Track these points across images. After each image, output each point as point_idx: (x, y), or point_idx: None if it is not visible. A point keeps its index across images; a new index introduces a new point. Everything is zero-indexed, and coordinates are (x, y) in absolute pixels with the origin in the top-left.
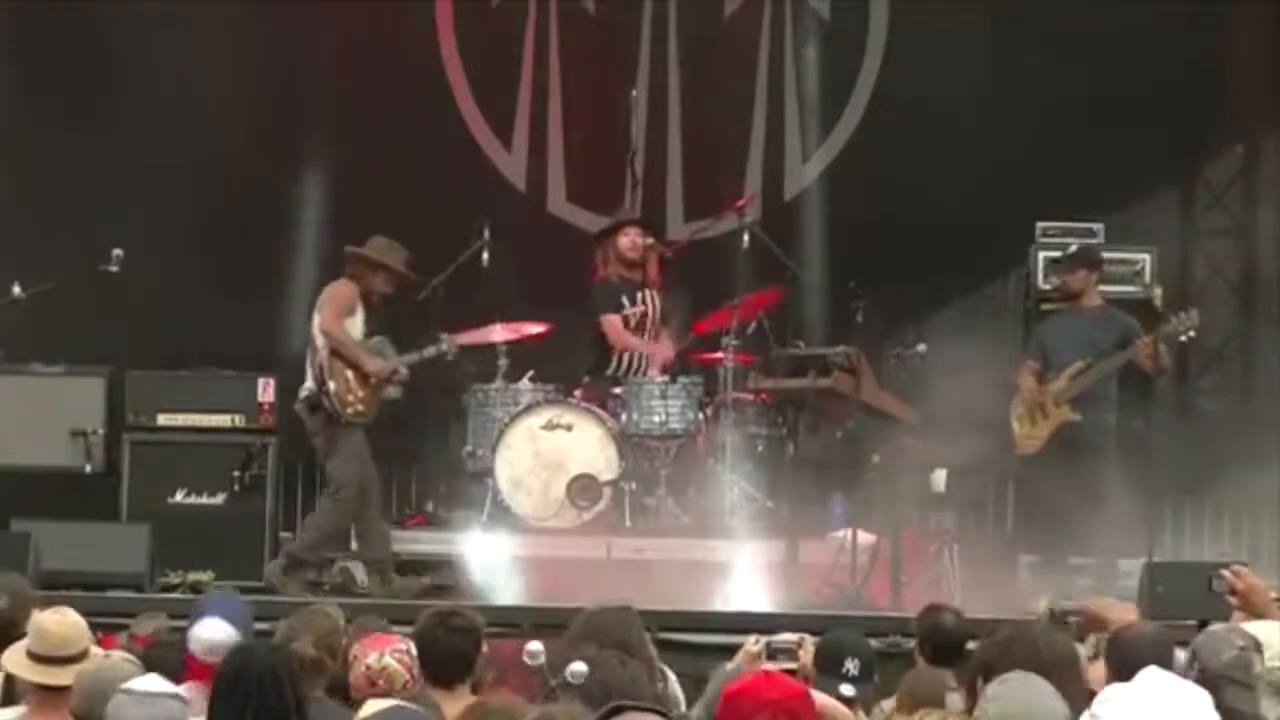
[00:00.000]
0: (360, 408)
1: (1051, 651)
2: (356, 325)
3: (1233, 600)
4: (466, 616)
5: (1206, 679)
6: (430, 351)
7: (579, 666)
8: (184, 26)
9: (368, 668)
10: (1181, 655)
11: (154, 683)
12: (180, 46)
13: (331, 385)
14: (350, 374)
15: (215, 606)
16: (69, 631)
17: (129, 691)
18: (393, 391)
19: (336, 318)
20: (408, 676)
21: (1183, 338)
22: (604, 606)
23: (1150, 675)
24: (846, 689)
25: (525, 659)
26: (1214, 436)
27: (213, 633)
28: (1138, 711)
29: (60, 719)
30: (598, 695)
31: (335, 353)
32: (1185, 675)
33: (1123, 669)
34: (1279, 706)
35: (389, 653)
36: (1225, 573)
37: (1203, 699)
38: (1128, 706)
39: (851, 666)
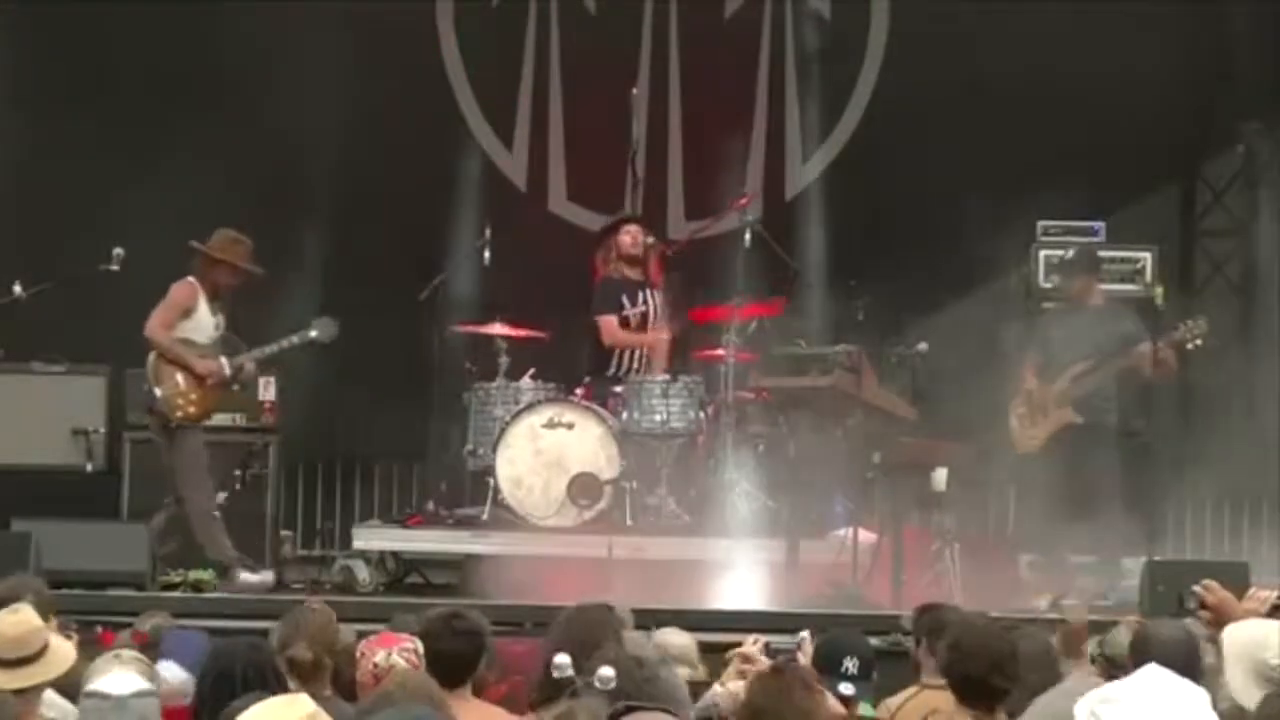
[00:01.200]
0: (192, 410)
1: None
2: (197, 323)
3: (1205, 615)
4: (471, 619)
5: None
6: (293, 340)
7: (607, 671)
8: (182, 26)
9: (375, 665)
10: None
11: (126, 682)
12: (180, 45)
13: (158, 391)
14: (180, 377)
15: (172, 650)
16: (23, 633)
17: (103, 696)
18: (236, 388)
19: (161, 325)
20: None
21: (1189, 346)
22: (584, 606)
23: (1149, 673)
24: (846, 688)
25: (553, 672)
26: (1214, 436)
27: (167, 675)
28: (1138, 710)
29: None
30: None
31: (163, 356)
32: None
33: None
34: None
35: (397, 651)
36: (1196, 589)
37: (1201, 697)
38: (1127, 704)
39: (851, 665)
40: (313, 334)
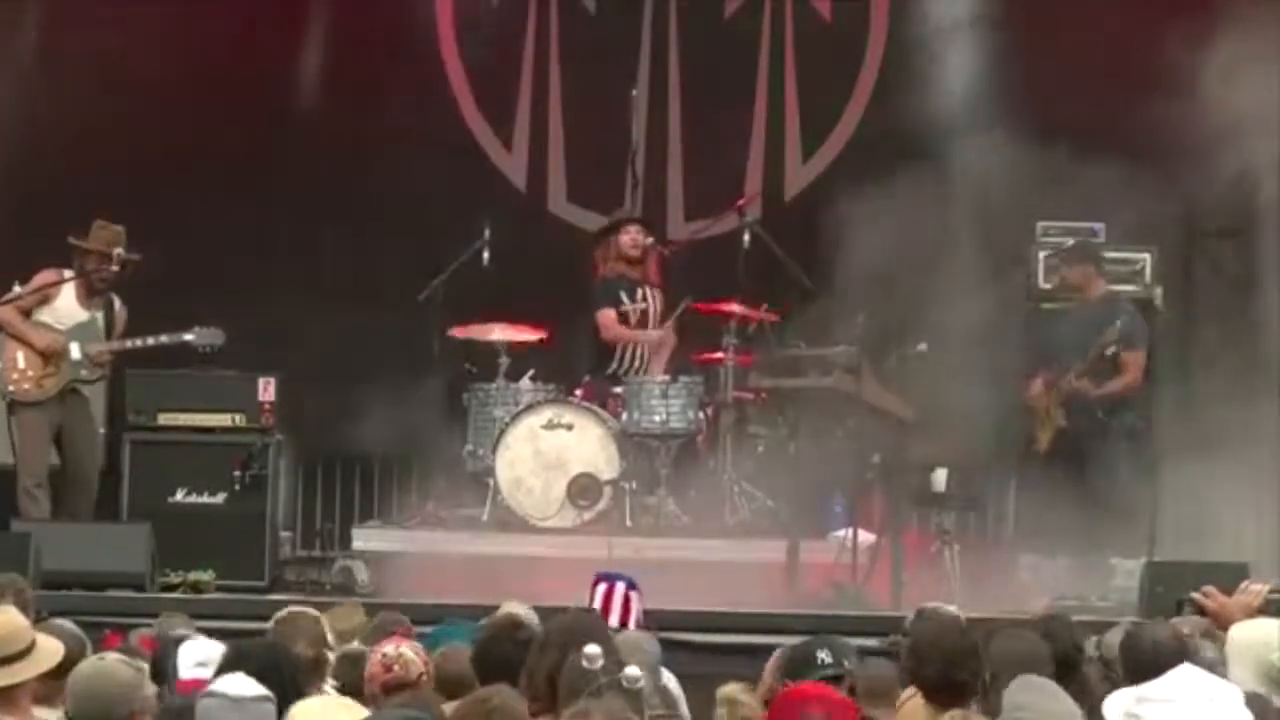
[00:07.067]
0: (26, 386)
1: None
2: (55, 311)
3: (1204, 621)
4: (529, 629)
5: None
6: (162, 338)
7: (635, 671)
8: (183, 24)
9: (384, 655)
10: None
11: (246, 685)
12: (182, 42)
13: None
14: (21, 354)
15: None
16: (8, 631)
17: (220, 695)
18: (86, 373)
19: (11, 304)
20: (423, 669)
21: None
22: (568, 609)
23: (1184, 673)
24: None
25: (583, 662)
26: (1214, 436)
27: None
28: (1175, 710)
29: (18, 717)
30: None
31: (5, 332)
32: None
33: (1138, 671)
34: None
35: (405, 645)
36: (1195, 595)
37: (1235, 695)
38: (1166, 705)
39: (824, 656)
40: (187, 337)
